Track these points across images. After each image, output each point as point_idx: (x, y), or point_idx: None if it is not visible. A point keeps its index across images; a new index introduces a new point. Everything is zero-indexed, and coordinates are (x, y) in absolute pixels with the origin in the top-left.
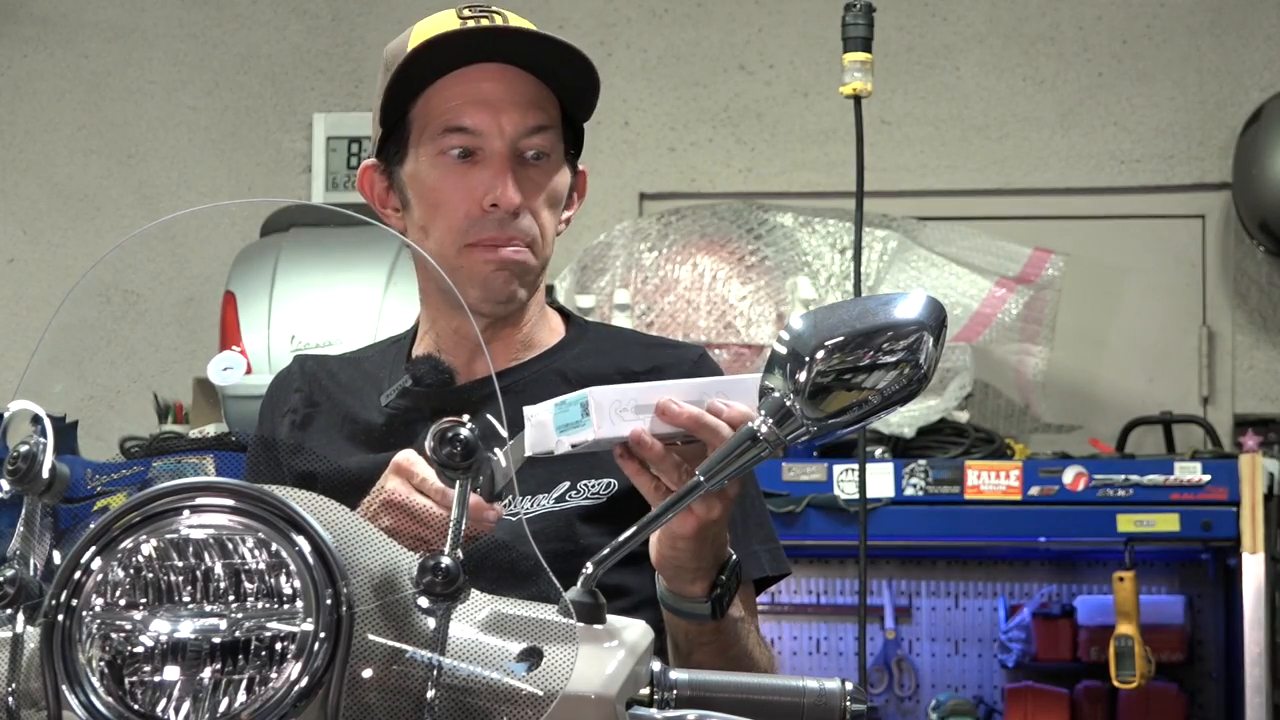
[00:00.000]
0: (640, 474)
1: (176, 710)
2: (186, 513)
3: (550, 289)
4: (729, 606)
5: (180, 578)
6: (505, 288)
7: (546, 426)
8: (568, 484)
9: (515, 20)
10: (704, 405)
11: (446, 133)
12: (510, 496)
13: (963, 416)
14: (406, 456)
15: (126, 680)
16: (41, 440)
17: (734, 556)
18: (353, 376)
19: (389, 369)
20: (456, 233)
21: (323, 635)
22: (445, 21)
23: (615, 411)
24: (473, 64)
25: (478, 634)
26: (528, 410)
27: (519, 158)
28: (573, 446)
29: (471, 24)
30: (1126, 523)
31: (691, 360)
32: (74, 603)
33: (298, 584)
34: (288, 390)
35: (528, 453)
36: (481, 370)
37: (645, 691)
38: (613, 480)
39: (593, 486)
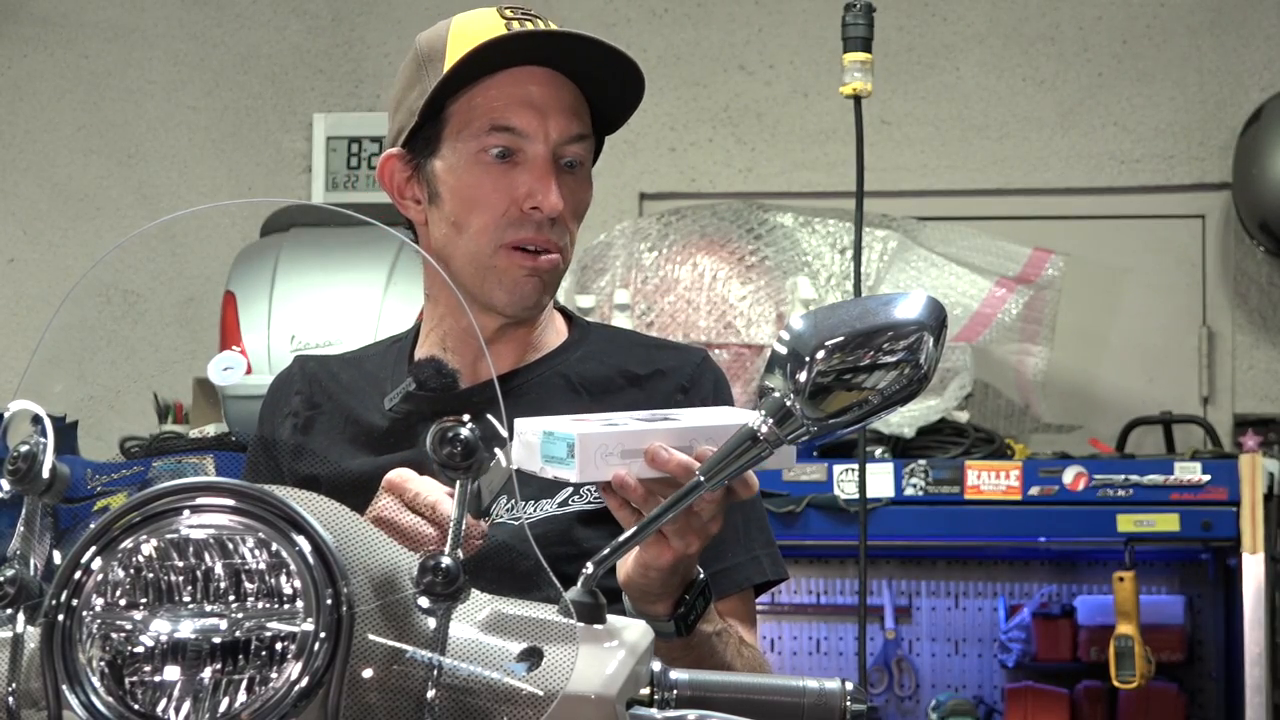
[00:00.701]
0: (622, 509)
1: (176, 710)
2: (187, 513)
3: None
4: (696, 623)
5: (180, 578)
6: (534, 294)
7: (534, 449)
8: (571, 489)
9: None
10: (692, 452)
11: (492, 131)
12: (511, 501)
13: (963, 416)
14: (399, 474)
15: (127, 680)
16: (41, 440)
17: (701, 575)
18: (354, 377)
19: (390, 369)
20: (492, 231)
21: (323, 635)
22: (487, 19)
23: (600, 456)
24: (521, 65)
25: (478, 634)
26: (519, 425)
27: (557, 164)
28: (554, 478)
29: (516, 25)
30: (1126, 523)
31: (695, 363)
32: (74, 603)
33: (298, 584)
34: (289, 392)
35: (513, 466)
36: (486, 370)
37: (645, 691)
38: None
39: (595, 492)
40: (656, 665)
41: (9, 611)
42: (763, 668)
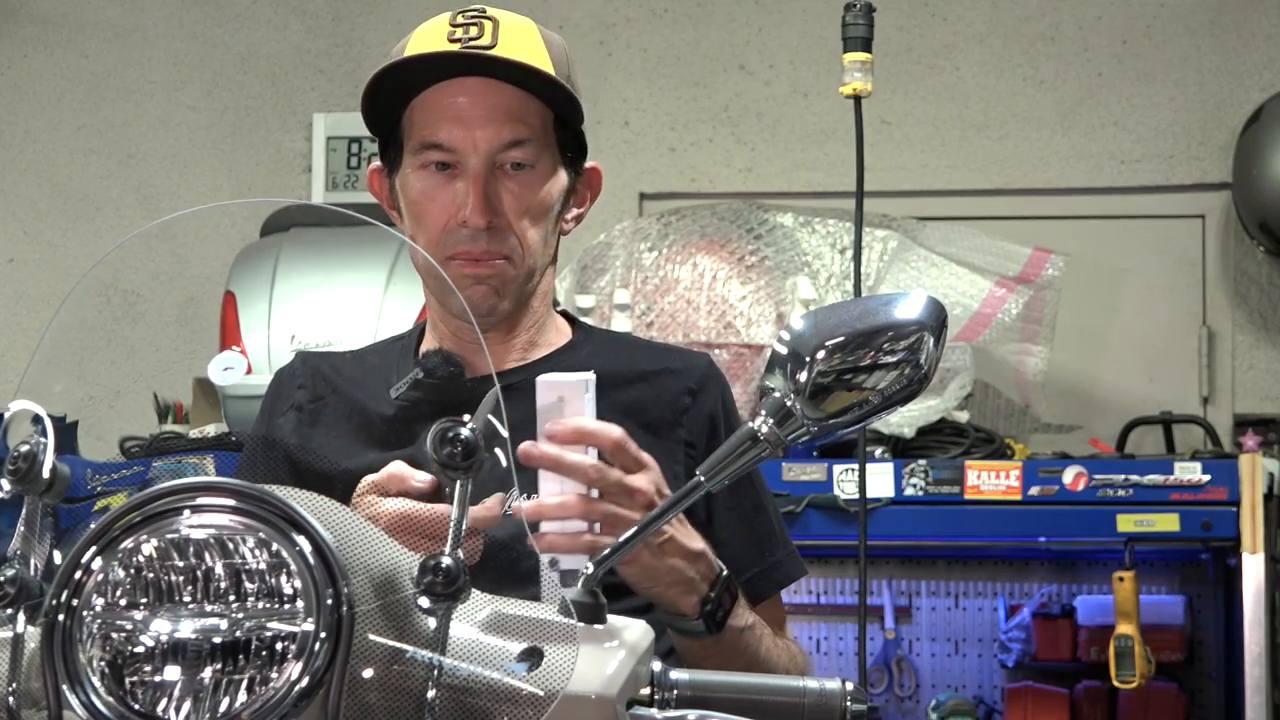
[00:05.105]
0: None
1: (177, 710)
2: (187, 513)
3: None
4: (726, 619)
5: (181, 578)
6: (484, 301)
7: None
8: None
9: (506, 23)
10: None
11: (423, 149)
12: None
13: (963, 416)
14: (397, 466)
15: (127, 680)
16: (42, 440)
17: (724, 571)
18: (358, 371)
19: (395, 363)
20: (436, 245)
21: (323, 635)
22: (438, 28)
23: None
24: (454, 77)
25: (478, 634)
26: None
27: (500, 169)
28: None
29: (460, 33)
30: (1126, 523)
31: (703, 366)
32: (74, 603)
33: (298, 584)
34: (291, 386)
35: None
36: (486, 366)
37: (645, 691)
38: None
39: None
40: (656, 665)
41: (9, 611)
42: (795, 659)
